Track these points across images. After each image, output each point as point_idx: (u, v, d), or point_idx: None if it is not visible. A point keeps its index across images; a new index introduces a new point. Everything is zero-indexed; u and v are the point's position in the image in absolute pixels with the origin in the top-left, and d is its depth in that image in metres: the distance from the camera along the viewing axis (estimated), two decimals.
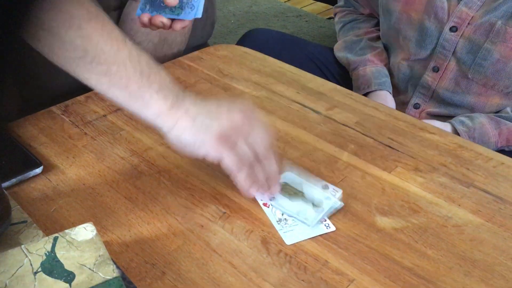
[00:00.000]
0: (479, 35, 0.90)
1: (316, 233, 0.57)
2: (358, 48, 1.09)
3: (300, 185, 0.62)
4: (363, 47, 1.09)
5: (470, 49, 0.92)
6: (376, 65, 1.06)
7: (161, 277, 0.51)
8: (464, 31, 0.91)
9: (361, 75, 1.05)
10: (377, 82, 1.03)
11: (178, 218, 0.58)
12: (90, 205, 0.60)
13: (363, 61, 1.06)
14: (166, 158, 0.67)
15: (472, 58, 0.92)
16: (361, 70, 1.05)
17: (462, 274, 0.53)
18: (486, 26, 0.89)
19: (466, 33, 0.91)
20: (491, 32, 0.88)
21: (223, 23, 2.27)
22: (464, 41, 0.92)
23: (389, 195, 0.63)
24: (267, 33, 1.16)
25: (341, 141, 0.72)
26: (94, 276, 0.45)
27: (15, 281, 0.44)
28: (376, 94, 1.02)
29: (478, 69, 0.92)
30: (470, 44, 0.91)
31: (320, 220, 0.58)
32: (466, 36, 0.91)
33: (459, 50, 0.93)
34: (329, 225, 0.58)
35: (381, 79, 1.03)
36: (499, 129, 0.92)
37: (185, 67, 0.89)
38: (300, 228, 0.57)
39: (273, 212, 0.59)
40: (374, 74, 1.04)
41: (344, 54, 1.11)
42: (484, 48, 0.89)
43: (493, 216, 0.60)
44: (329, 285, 0.51)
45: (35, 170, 0.63)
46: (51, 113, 0.75)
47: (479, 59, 0.90)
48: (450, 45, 0.93)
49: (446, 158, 0.70)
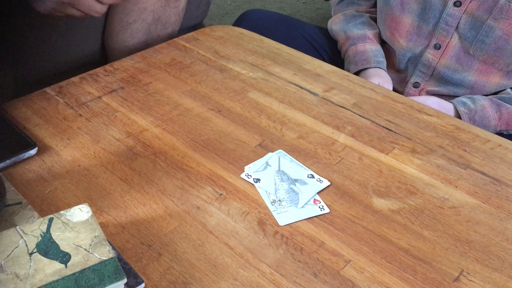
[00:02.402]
0: (483, 11, 0.89)
1: (309, 214, 0.57)
2: (359, 21, 1.08)
3: (289, 168, 0.62)
4: (364, 22, 1.07)
5: (472, 25, 0.91)
6: (375, 45, 1.05)
7: (157, 258, 0.51)
8: (468, 7, 0.90)
9: (360, 51, 1.03)
10: (376, 60, 1.02)
11: (174, 200, 0.58)
12: (86, 186, 0.59)
13: (362, 37, 1.05)
14: (162, 139, 0.67)
15: (474, 34, 0.91)
16: (360, 46, 1.04)
17: (458, 255, 0.53)
18: (489, 2, 0.88)
19: (470, 8, 0.90)
20: (494, 9, 0.87)
21: (219, 4, 2.25)
22: (467, 17, 0.91)
23: (386, 176, 0.63)
24: (264, 14, 1.14)
25: (338, 123, 0.72)
26: (90, 257, 0.45)
27: (11, 261, 0.44)
28: (376, 70, 1.01)
29: (480, 46, 0.91)
30: (473, 20, 0.90)
31: (311, 202, 0.58)
32: (470, 11, 0.90)
33: (461, 26, 0.92)
34: (323, 207, 0.58)
35: (380, 58, 1.03)
36: (500, 113, 0.92)
37: (181, 48, 0.88)
38: (294, 210, 0.57)
39: (267, 194, 0.59)
40: (374, 52, 1.03)
41: (342, 27, 1.09)
42: (486, 25, 0.89)
43: (490, 197, 0.60)
44: (325, 266, 0.51)
45: (30, 152, 0.62)
46: (45, 94, 0.74)
47: (482, 36, 0.90)
48: (453, 20, 0.92)
49: (444, 140, 0.69)
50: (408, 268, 0.52)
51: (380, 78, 0.99)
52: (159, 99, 0.75)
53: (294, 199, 0.58)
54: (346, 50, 1.07)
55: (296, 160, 0.64)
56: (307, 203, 0.58)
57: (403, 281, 0.50)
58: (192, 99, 0.75)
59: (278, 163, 0.63)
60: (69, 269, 0.44)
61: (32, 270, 0.43)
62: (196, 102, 0.75)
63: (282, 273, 0.50)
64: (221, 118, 0.71)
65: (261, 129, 0.70)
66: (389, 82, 1.00)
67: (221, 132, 0.69)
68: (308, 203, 0.58)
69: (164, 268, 0.50)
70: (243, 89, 0.78)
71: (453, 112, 0.94)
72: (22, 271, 0.43)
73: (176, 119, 0.71)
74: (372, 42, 1.05)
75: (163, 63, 0.84)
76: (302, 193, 0.59)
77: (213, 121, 0.71)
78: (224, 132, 0.69)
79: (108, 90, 0.76)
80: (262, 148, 0.66)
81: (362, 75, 1.01)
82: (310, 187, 0.60)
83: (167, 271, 0.50)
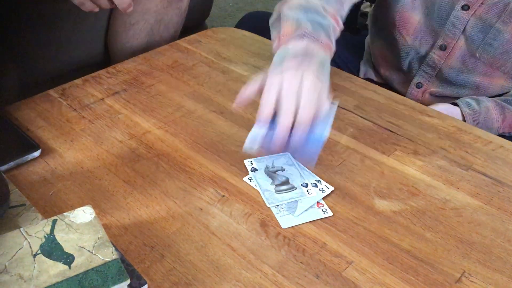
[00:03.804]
0: (491, 14, 0.88)
1: (312, 217, 0.57)
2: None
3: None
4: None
5: (480, 29, 0.90)
6: None
7: (160, 259, 0.52)
8: (476, 10, 0.90)
9: None
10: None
11: (177, 201, 0.58)
12: (89, 188, 0.60)
13: None
14: (164, 141, 0.67)
15: (482, 37, 0.90)
16: None
17: (460, 256, 0.53)
18: (499, 6, 0.88)
19: (478, 12, 0.90)
20: (504, 12, 0.87)
21: (221, 6, 2.25)
22: (475, 20, 0.90)
23: (388, 178, 0.63)
24: (266, 16, 1.14)
25: (340, 125, 0.72)
26: (93, 258, 0.45)
27: (15, 263, 0.44)
28: None
29: (487, 49, 0.91)
30: (481, 23, 0.90)
31: (314, 205, 0.58)
32: (478, 15, 0.90)
33: (469, 29, 0.91)
34: (327, 210, 0.58)
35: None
36: (503, 115, 0.92)
37: (183, 50, 0.88)
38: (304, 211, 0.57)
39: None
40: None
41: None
42: (495, 28, 0.88)
43: (492, 199, 0.60)
44: (327, 267, 0.52)
45: (33, 154, 0.63)
46: (48, 97, 0.75)
47: (489, 39, 0.89)
48: (460, 23, 0.92)
49: (445, 141, 0.69)
50: (410, 269, 0.52)
51: None
52: (161, 101, 0.75)
53: (292, 207, 0.58)
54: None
55: (302, 165, 0.64)
56: (310, 208, 0.58)
57: (405, 282, 0.50)
58: (195, 101, 0.75)
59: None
60: (73, 270, 0.44)
61: (36, 272, 0.44)
62: (199, 104, 0.75)
63: (284, 275, 0.51)
64: (223, 120, 0.72)
65: None
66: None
67: (224, 134, 0.69)
68: (312, 206, 0.58)
69: (167, 269, 0.51)
70: None
71: (461, 117, 0.93)
72: (26, 273, 0.43)
73: (179, 121, 0.71)
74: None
75: (166, 65, 0.84)
76: (302, 201, 0.59)
77: (215, 123, 0.71)
78: (227, 133, 0.69)
79: (111, 92, 0.76)
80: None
81: None
82: (311, 196, 0.60)
83: (170, 272, 0.50)
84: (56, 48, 0.92)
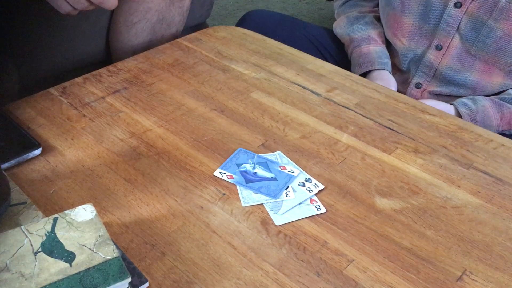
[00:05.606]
0: (483, 11, 0.89)
1: (306, 214, 0.57)
2: (362, 22, 1.08)
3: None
4: (367, 22, 1.07)
5: (473, 26, 0.91)
6: (379, 45, 1.05)
7: (161, 257, 0.52)
8: (468, 7, 0.90)
9: (364, 53, 1.04)
10: (380, 61, 1.02)
11: (178, 200, 0.58)
12: (90, 186, 0.60)
13: (366, 39, 1.05)
14: (165, 139, 0.67)
15: (475, 35, 0.91)
16: (364, 48, 1.04)
17: (461, 255, 0.53)
18: (490, 3, 0.88)
19: (470, 9, 0.90)
20: (494, 9, 0.87)
21: (222, 5, 2.25)
22: (468, 18, 0.91)
23: (389, 176, 0.63)
24: (266, 14, 1.15)
25: (340, 123, 0.72)
26: (94, 256, 0.45)
27: (16, 261, 0.44)
28: (380, 73, 1.01)
29: (481, 46, 0.91)
30: (474, 20, 0.90)
31: (308, 202, 0.58)
32: (470, 12, 0.90)
33: (462, 27, 0.92)
34: (320, 207, 0.58)
35: (384, 59, 1.03)
36: (501, 113, 0.92)
37: (184, 49, 0.88)
38: (290, 210, 0.57)
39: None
40: (378, 54, 1.03)
41: (346, 30, 1.09)
42: (487, 25, 0.89)
43: (493, 197, 0.60)
44: (328, 265, 0.52)
45: (34, 152, 0.63)
46: (49, 95, 0.75)
47: (483, 36, 0.90)
48: (454, 21, 0.92)
49: (446, 139, 0.69)
50: (411, 268, 0.52)
51: (382, 81, 0.99)
52: (162, 99, 0.75)
53: (277, 205, 0.58)
54: (351, 53, 1.07)
55: (292, 162, 0.64)
56: (302, 203, 0.58)
57: (406, 280, 0.50)
58: (195, 99, 0.75)
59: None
60: (74, 268, 0.44)
61: (37, 269, 0.44)
62: (199, 102, 0.75)
63: (285, 273, 0.51)
64: (224, 118, 0.72)
65: (264, 129, 0.70)
66: (392, 84, 1.00)
67: (224, 132, 0.69)
68: (304, 202, 0.58)
69: (167, 267, 0.51)
70: (246, 89, 0.78)
71: (454, 114, 0.94)
72: (27, 270, 0.43)
73: (179, 119, 0.71)
74: (376, 43, 1.05)
75: (166, 64, 0.84)
76: (287, 200, 0.59)
77: (216, 121, 0.71)
78: (227, 132, 0.69)
79: (112, 90, 0.76)
80: (265, 148, 0.66)
81: (367, 77, 1.02)
82: (298, 195, 0.59)
83: (171, 270, 0.50)
84: (57, 46, 0.92)
